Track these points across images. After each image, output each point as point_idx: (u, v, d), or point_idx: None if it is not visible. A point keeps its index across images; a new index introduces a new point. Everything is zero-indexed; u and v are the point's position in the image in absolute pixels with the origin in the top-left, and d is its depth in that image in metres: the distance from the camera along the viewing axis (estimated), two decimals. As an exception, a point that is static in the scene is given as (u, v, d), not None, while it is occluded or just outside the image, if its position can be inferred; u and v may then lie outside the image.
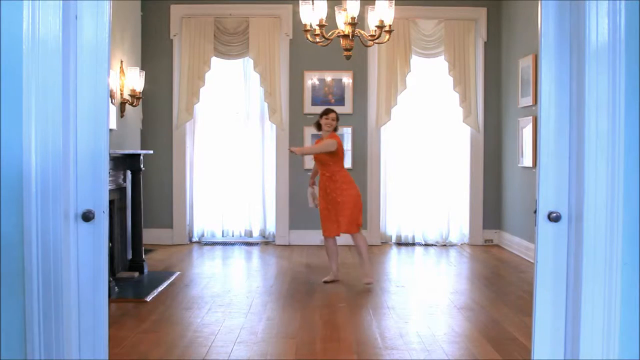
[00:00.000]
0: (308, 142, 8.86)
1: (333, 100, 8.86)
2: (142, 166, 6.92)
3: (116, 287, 6.02)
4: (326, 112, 6.50)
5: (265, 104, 8.80)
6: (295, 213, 8.90)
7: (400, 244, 8.96)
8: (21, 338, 2.59)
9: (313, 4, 5.87)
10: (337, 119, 6.51)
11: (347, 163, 8.90)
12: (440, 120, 8.97)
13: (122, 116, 7.37)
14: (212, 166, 9.06)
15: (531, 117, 7.55)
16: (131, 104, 7.51)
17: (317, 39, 6.04)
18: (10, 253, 2.56)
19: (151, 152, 7.60)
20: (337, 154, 6.38)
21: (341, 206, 6.39)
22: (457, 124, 8.90)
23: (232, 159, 9.04)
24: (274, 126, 8.88)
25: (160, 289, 6.16)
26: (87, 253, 2.72)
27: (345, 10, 5.80)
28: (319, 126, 6.55)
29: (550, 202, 2.74)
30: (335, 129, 6.51)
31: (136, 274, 6.76)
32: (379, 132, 8.87)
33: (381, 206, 8.93)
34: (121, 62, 7.31)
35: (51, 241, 2.57)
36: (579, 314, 2.65)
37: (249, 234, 9.06)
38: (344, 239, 9.05)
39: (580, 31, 2.63)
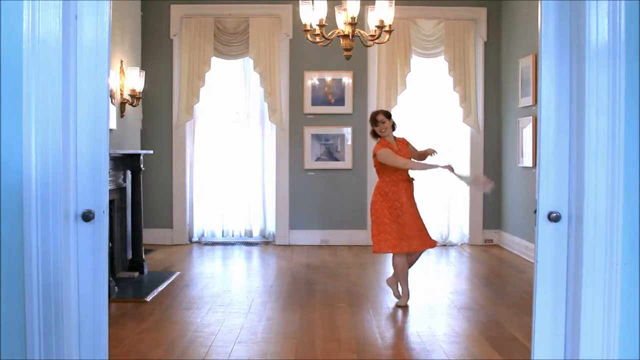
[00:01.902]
0: (308, 143, 8.87)
1: (333, 100, 8.86)
2: (142, 166, 6.91)
3: (116, 287, 6.02)
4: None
5: (265, 104, 8.80)
6: (295, 213, 8.91)
7: (400, 244, 8.95)
8: (21, 338, 2.59)
9: (313, 4, 5.87)
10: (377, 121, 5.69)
11: (347, 163, 8.94)
12: (440, 120, 8.97)
13: (122, 116, 7.37)
14: (212, 166, 9.06)
15: (531, 117, 7.54)
16: (131, 104, 7.51)
17: (317, 39, 6.04)
18: (10, 253, 2.56)
19: (151, 152, 7.60)
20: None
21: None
22: (457, 124, 8.90)
23: (232, 159, 9.04)
24: (274, 126, 8.88)
25: (160, 289, 6.16)
26: (87, 253, 2.72)
27: (345, 10, 5.80)
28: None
29: (550, 202, 2.73)
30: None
31: (136, 274, 6.76)
32: (379, 132, 8.86)
33: (381, 206, 8.92)
34: (121, 62, 7.31)
35: (51, 241, 2.57)
36: (579, 314, 2.64)
37: (249, 234, 9.06)
38: (347, 238, 9.05)
39: (580, 31, 2.63)
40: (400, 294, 5.70)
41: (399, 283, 5.72)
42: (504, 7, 8.77)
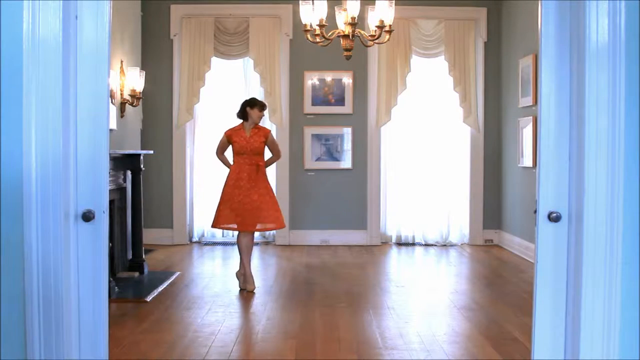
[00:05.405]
0: (308, 142, 8.87)
1: (333, 100, 8.87)
2: (142, 166, 6.92)
3: (116, 287, 6.02)
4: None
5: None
6: (295, 213, 8.90)
7: (400, 244, 8.96)
8: (21, 338, 2.58)
9: (313, 4, 5.87)
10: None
11: (347, 163, 8.94)
12: (440, 120, 8.97)
13: (122, 116, 7.37)
14: (212, 166, 9.04)
15: (531, 117, 7.54)
16: (131, 104, 7.51)
17: (317, 39, 6.03)
18: (10, 253, 2.56)
19: (151, 152, 7.60)
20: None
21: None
22: (457, 124, 8.90)
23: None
24: (274, 126, 8.87)
25: (160, 289, 6.16)
26: (87, 253, 2.72)
27: (345, 10, 5.80)
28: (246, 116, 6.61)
29: (550, 202, 2.73)
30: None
31: (136, 274, 6.76)
32: (379, 132, 8.87)
33: (381, 206, 8.93)
34: (121, 62, 7.31)
35: (51, 241, 2.57)
36: (579, 314, 2.64)
37: (249, 234, 9.04)
38: (347, 238, 9.07)
39: (580, 31, 2.63)
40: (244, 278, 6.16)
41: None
42: (504, 7, 8.77)
